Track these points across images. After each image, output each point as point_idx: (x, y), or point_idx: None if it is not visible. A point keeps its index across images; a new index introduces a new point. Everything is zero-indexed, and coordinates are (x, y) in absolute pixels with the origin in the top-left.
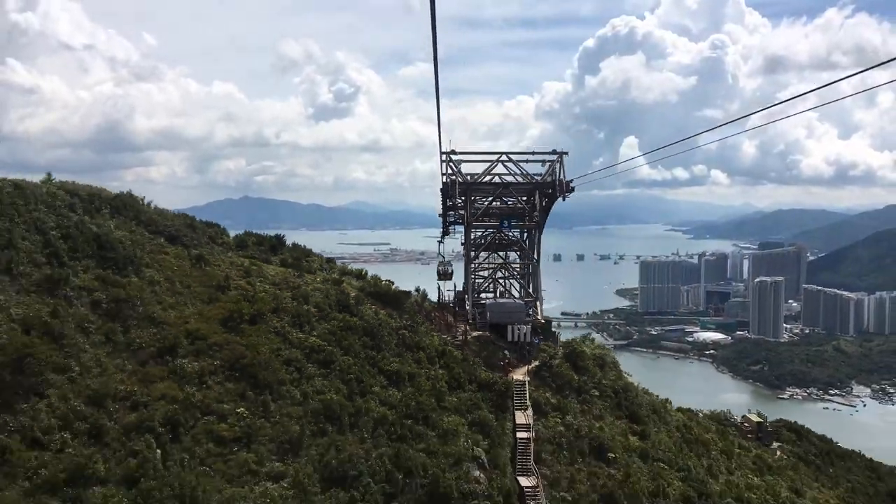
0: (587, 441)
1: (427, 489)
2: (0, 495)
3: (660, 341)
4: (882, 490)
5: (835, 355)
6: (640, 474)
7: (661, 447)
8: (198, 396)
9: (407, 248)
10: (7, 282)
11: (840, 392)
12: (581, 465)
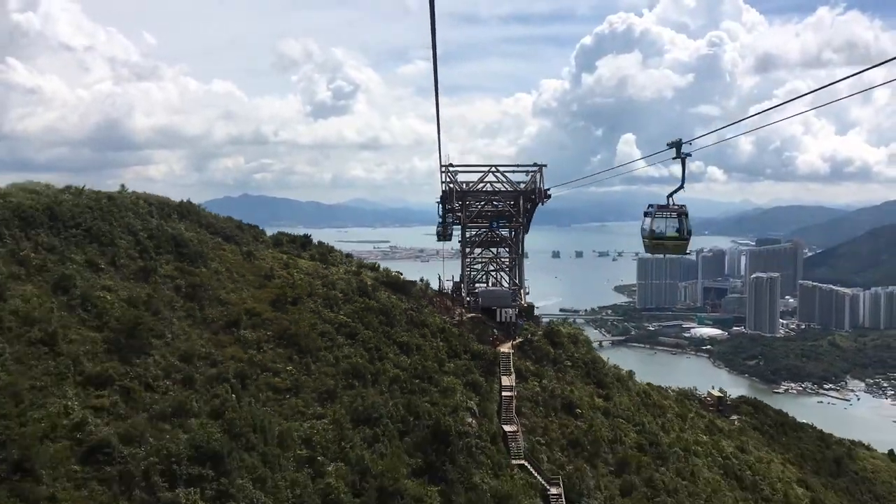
0: (559, 400)
1: (431, 429)
2: (133, 421)
3: (657, 337)
4: (829, 456)
5: (830, 350)
6: (601, 426)
7: (622, 407)
8: (257, 357)
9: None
10: (113, 271)
11: (834, 386)
12: (553, 418)
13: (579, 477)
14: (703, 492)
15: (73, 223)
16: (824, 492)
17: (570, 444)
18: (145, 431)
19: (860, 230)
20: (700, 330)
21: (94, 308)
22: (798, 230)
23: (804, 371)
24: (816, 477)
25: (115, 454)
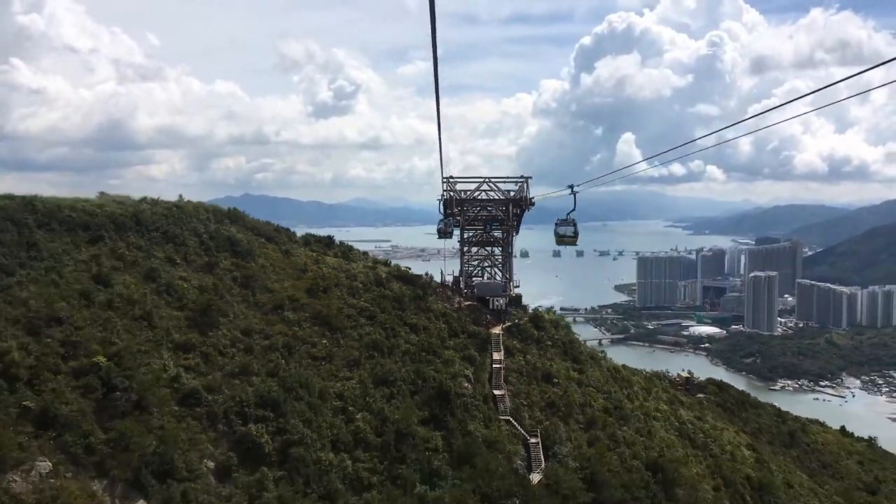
0: (540, 371)
1: (435, 390)
2: (212, 376)
3: (656, 335)
4: (784, 430)
5: (826, 348)
6: (574, 393)
7: (593, 379)
8: (298, 333)
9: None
10: (185, 265)
11: (830, 383)
12: (534, 386)
13: (554, 430)
14: (658, 446)
15: (153, 227)
16: (771, 456)
17: (547, 405)
18: (222, 384)
19: (860, 229)
20: (699, 328)
21: (175, 293)
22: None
23: (801, 368)
24: (770, 446)
25: (202, 399)
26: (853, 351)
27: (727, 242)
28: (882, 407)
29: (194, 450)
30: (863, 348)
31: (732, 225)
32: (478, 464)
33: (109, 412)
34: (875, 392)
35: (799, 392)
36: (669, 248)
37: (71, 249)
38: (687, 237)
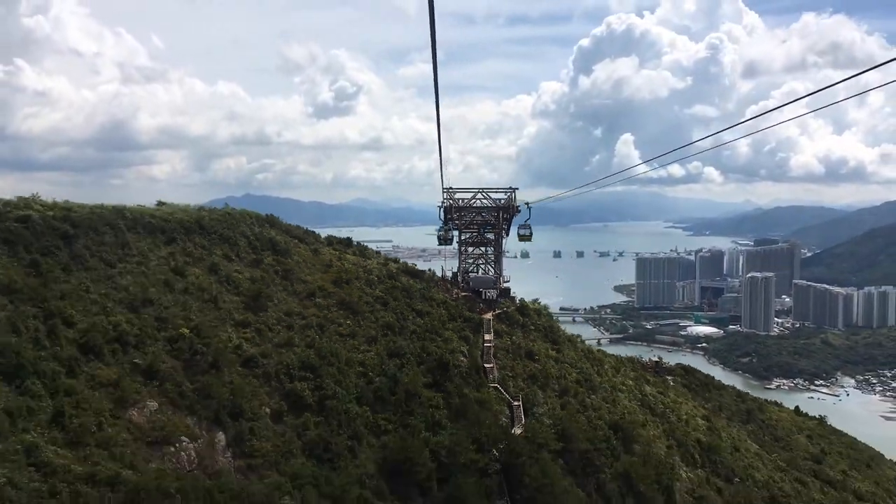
0: (523, 350)
1: (437, 362)
2: (264, 347)
3: (654, 335)
4: (742, 408)
5: (822, 348)
6: (551, 367)
7: (568, 357)
8: (328, 315)
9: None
10: (238, 261)
11: (825, 382)
12: (518, 361)
13: (533, 396)
14: (620, 412)
15: (212, 231)
16: (724, 427)
17: (528, 377)
18: (272, 352)
19: (859, 230)
20: (696, 328)
21: (232, 283)
22: (798, 230)
23: (796, 368)
24: (728, 421)
25: (259, 363)
26: (848, 351)
27: (727, 243)
28: (875, 406)
29: (255, 399)
30: (858, 348)
31: (732, 226)
32: (470, 418)
33: (193, 369)
34: (869, 391)
35: (794, 391)
36: (669, 249)
37: (153, 248)
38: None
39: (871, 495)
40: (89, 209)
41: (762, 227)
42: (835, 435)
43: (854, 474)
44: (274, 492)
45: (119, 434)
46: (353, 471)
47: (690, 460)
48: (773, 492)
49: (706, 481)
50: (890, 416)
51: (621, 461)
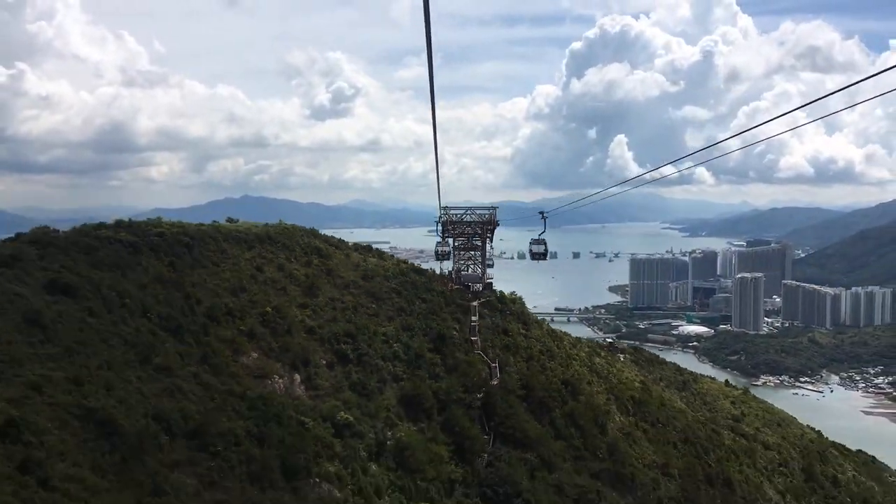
0: (500, 328)
1: (437, 334)
2: (319, 321)
3: (646, 334)
4: (679, 379)
5: (809, 346)
6: (521, 341)
7: (535, 335)
8: (360, 301)
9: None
10: (295, 262)
11: (810, 379)
12: (496, 336)
13: (506, 360)
14: (571, 373)
15: (276, 240)
16: (657, 390)
17: (503, 347)
18: (324, 325)
19: (853, 231)
20: (688, 327)
21: (294, 277)
22: (793, 231)
23: (782, 365)
24: (666, 389)
25: (316, 332)
26: (834, 349)
27: (722, 244)
28: (857, 401)
29: (316, 354)
30: (844, 346)
31: (728, 227)
32: (461, 372)
33: (276, 334)
34: (852, 388)
35: (780, 388)
36: (665, 250)
37: (240, 253)
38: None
39: (776, 445)
40: (195, 227)
41: (758, 228)
42: (755, 402)
43: (766, 430)
44: (333, 409)
45: (238, 371)
46: (382, 402)
47: (624, 410)
48: (689, 436)
49: (635, 425)
50: (870, 412)
51: (568, 405)
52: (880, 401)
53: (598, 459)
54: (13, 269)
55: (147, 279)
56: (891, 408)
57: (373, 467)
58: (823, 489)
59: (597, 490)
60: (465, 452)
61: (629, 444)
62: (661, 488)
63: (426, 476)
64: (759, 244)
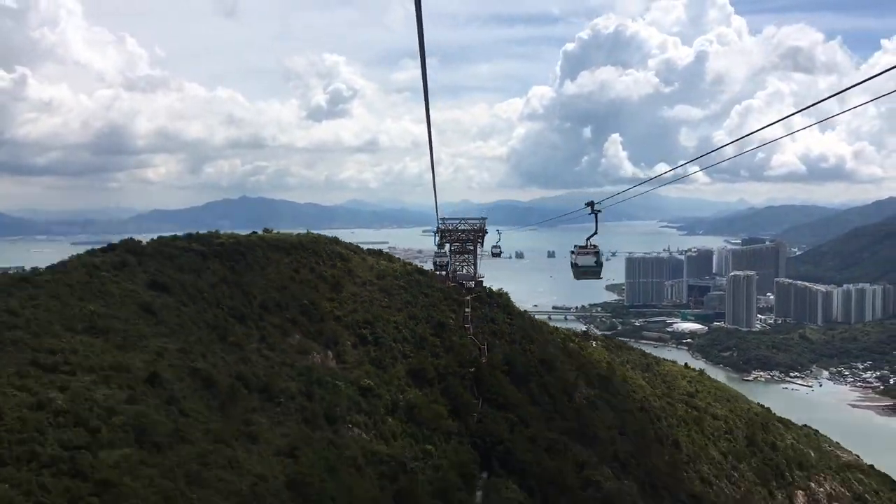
0: (489, 317)
1: (437, 321)
2: (343, 311)
3: (641, 332)
4: (643, 362)
5: (800, 342)
6: (505, 328)
7: (516, 323)
8: (374, 295)
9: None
10: (323, 264)
11: (800, 374)
12: (485, 324)
13: (493, 342)
14: (547, 353)
15: (308, 248)
16: (621, 369)
17: (491, 332)
18: (350, 314)
19: (848, 229)
20: (682, 325)
21: (324, 277)
22: (789, 229)
23: (773, 361)
24: (631, 371)
25: (342, 320)
26: (825, 345)
27: (719, 242)
28: (845, 395)
29: (343, 336)
30: (834, 342)
31: (725, 225)
32: (456, 352)
33: (312, 321)
34: (841, 382)
35: (771, 382)
36: (662, 249)
37: (279, 258)
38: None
39: (724, 416)
40: (246, 237)
41: (755, 226)
42: (709, 381)
43: (716, 405)
44: (358, 377)
45: (287, 348)
46: (394, 373)
47: (590, 383)
48: (645, 406)
49: (599, 395)
50: (857, 405)
51: (542, 380)
52: (867, 394)
53: (565, 420)
54: (123, 272)
55: (215, 279)
56: (878, 401)
57: (389, 420)
58: (762, 453)
59: (564, 443)
60: (459, 412)
61: (592, 410)
62: (617, 444)
63: (429, 427)
64: (755, 242)
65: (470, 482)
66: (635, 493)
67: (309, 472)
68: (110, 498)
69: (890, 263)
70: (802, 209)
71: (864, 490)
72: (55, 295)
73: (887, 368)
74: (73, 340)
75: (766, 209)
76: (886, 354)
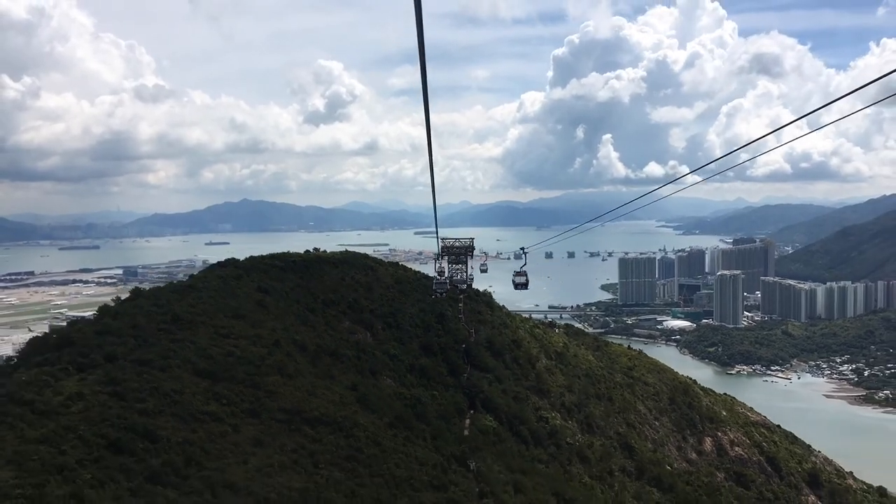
0: (475, 310)
1: (439, 313)
2: (375, 305)
3: (633, 329)
4: (594, 345)
5: (782, 338)
6: (490, 318)
7: (497, 314)
8: (395, 296)
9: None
10: (358, 272)
11: (781, 368)
12: (472, 314)
13: (479, 329)
14: (518, 336)
15: (351, 262)
16: (574, 349)
17: (477, 321)
18: (378, 307)
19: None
20: (672, 322)
21: (360, 282)
22: (785, 228)
23: (755, 355)
24: (585, 349)
25: (375, 311)
26: (805, 340)
27: (715, 242)
28: (821, 387)
29: (376, 323)
30: (815, 338)
31: (721, 225)
32: (453, 334)
33: (355, 312)
34: (819, 375)
35: (753, 376)
36: (658, 249)
37: (331, 269)
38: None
39: (653, 383)
40: (309, 254)
41: (751, 225)
42: (647, 358)
43: (648, 375)
44: (387, 348)
45: (342, 330)
46: (410, 347)
47: (549, 358)
48: (589, 373)
49: (554, 367)
50: (831, 395)
51: (513, 354)
52: (842, 386)
53: (528, 380)
54: (240, 281)
55: (293, 284)
56: (851, 392)
57: (408, 375)
58: (680, 410)
59: (525, 394)
60: (455, 372)
61: (549, 375)
62: (565, 397)
63: (435, 381)
64: (746, 242)
65: (462, 415)
66: (575, 428)
67: (365, 395)
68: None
69: (877, 262)
70: (799, 207)
71: (762, 440)
72: (211, 295)
73: (863, 362)
74: (229, 321)
75: (762, 208)
76: (863, 349)
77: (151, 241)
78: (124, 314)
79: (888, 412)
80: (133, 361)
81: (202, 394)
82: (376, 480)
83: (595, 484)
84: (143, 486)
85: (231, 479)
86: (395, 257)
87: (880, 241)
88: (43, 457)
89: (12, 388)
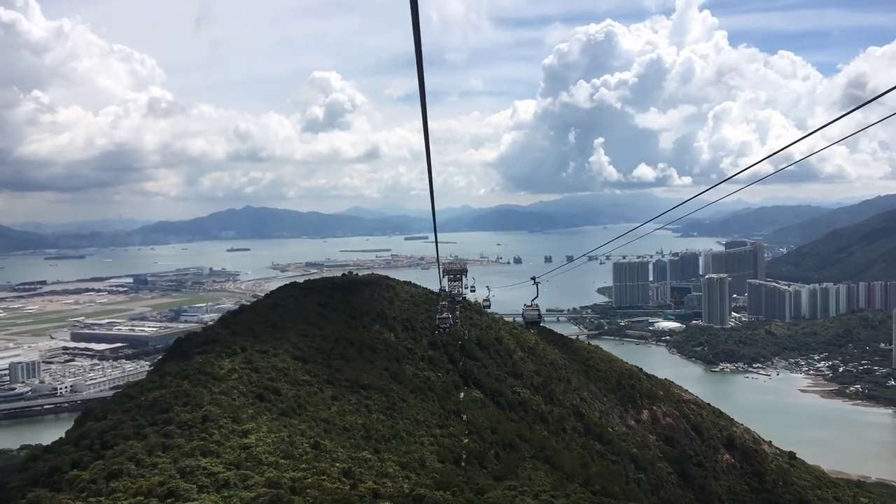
0: (468, 315)
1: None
2: (398, 314)
3: (625, 331)
4: (560, 341)
5: (765, 337)
6: (477, 321)
7: (484, 318)
8: (411, 308)
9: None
10: (383, 290)
11: (762, 365)
12: (465, 318)
13: (470, 328)
14: (501, 333)
15: (374, 282)
16: (543, 344)
17: (470, 324)
18: (399, 315)
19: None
20: (663, 324)
21: (384, 298)
22: (781, 229)
23: (738, 354)
24: (553, 345)
25: (396, 318)
26: (787, 339)
27: (712, 244)
28: (798, 382)
29: (397, 327)
30: (796, 336)
31: (719, 227)
32: (452, 333)
33: (382, 320)
34: (797, 371)
35: (735, 373)
36: (655, 252)
37: (363, 287)
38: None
39: (605, 369)
40: (352, 278)
41: (748, 226)
42: (602, 352)
43: (601, 363)
44: (405, 343)
45: (374, 332)
46: (421, 342)
47: (523, 351)
48: (553, 362)
49: (526, 357)
50: (806, 390)
51: (496, 348)
52: (817, 381)
53: (507, 367)
54: (306, 298)
55: (338, 300)
56: (825, 387)
57: (421, 362)
58: (624, 389)
59: (504, 377)
60: (454, 361)
61: (522, 363)
62: (533, 378)
63: (439, 367)
64: (737, 245)
65: (458, 389)
66: (540, 400)
67: (394, 373)
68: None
69: (864, 263)
70: (795, 209)
71: (690, 413)
72: (290, 309)
73: (839, 359)
74: (305, 326)
75: (759, 210)
76: (841, 346)
77: (156, 248)
78: (240, 322)
79: (856, 405)
80: (257, 351)
81: (300, 370)
82: (405, 422)
83: (550, 436)
84: (279, 418)
85: (323, 416)
86: (398, 262)
87: (868, 242)
88: (221, 402)
89: (196, 366)
